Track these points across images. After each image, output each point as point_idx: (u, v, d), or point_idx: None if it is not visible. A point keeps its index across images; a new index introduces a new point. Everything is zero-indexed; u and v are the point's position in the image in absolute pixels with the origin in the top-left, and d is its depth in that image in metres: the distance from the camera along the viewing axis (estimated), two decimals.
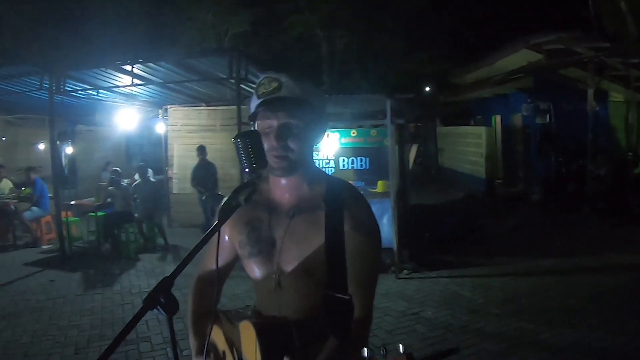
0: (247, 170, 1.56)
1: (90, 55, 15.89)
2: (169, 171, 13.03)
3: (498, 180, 16.38)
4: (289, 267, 1.76)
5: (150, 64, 9.59)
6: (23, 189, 11.83)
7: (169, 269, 8.50)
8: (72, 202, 11.76)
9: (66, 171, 11.54)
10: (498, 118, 17.52)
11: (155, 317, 6.23)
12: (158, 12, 21.22)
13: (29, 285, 8.21)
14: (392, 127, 8.20)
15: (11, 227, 11.51)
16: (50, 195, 11.16)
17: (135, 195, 10.79)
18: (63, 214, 10.00)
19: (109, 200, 10.86)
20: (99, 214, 10.83)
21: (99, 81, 10.49)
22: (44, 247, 11.02)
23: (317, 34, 21.78)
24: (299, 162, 1.72)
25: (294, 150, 1.69)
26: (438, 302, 6.56)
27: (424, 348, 5.15)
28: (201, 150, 11.01)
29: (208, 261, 2.00)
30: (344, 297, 1.60)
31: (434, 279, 7.54)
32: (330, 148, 9.02)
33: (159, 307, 1.37)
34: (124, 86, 10.57)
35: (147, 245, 10.53)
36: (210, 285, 1.96)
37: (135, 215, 10.51)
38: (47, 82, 9.76)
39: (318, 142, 1.84)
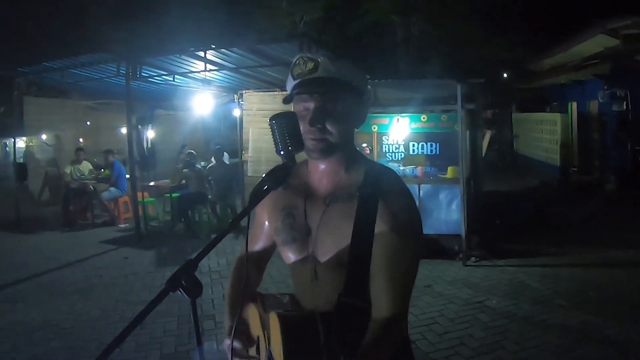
0: (281, 152, 1.51)
1: (165, 42, 16.31)
2: (245, 154, 13.29)
3: (573, 168, 15.88)
4: (322, 257, 1.68)
5: (223, 50, 9.74)
6: (102, 170, 12.34)
7: (239, 249, 8.75)
8: (151, 184, 12.22)
9: (147, 154, 11.97)
10: (574, 105, 16.94)
11: (221, 296, 6.43)
12: (235, 1, 21.51)
13: (103, 261, 8.59)
14: (463, 112, 8.08)
15: (90, 206, 12.12)
16: (128, 176, 11.59)
17: (210, 177, 11.08)
18: (140, 194, 10.36)
19: (183, 181, 11.18)
20: (174, 195, 11.16)
21: (174, 67, 10.77)
22: (121, 226, 11.53)
23: (392, 20, 21.55)
24: (337, 145, 1.64)
25: (332, 133, 1.62)
26: (504, 291, 6.44)
27: (486, 337, 5.09)
28: None
29: (249, 243, 1.96)
30: (362, 304, 1.49)
31: (501, 267, 7.42)
32: (401, 133, 8.97)
33: (181, 289, 1.36)
34: (197, 72, 10.82)
35: (220, 225, 10.78)
36: (250, 266, 1.94)
37: (209, 196, 10.81)
38: (124, 69, 10.13)
39: (359, 125, 1.75)
